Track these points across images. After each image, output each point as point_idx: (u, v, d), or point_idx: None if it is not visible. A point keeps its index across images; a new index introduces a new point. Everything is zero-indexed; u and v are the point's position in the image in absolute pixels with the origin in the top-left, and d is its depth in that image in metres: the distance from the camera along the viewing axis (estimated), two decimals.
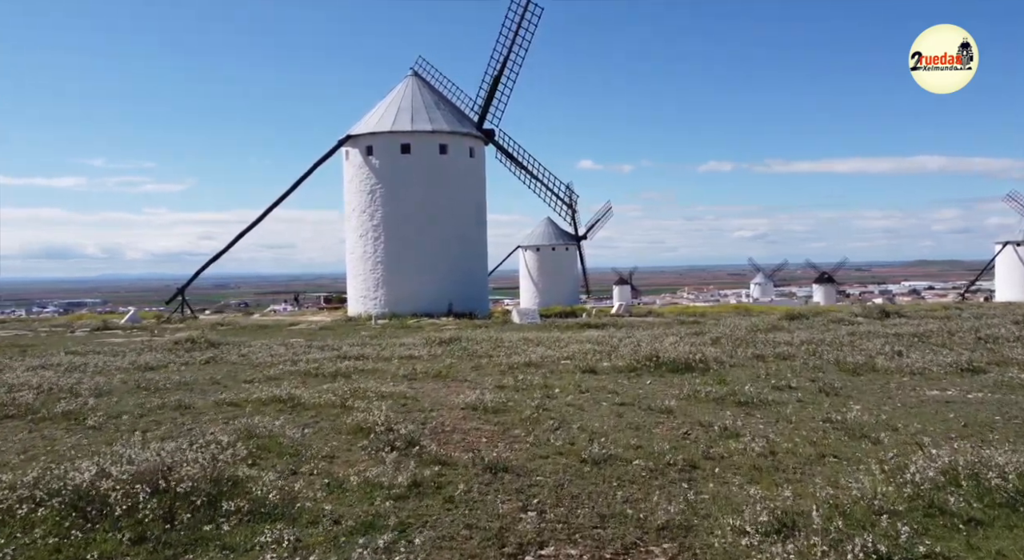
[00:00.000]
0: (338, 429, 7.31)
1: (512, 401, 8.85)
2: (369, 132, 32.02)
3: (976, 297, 76.01)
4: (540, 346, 16.10)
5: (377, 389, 9.48)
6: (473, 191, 33.53)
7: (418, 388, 10.12)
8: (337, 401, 8.53)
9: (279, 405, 8.54)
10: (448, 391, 9.88)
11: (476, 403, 8.44)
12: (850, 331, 18.26)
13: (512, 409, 8.37)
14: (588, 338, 17.79)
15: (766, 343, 15.50)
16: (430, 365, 12.74)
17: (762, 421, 8.01)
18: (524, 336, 18.45)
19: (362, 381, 10.49)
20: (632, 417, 8.18)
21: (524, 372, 11.72)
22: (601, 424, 7.72)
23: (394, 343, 17.33)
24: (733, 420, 7.91)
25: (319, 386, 10.00)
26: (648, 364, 11.83)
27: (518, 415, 8.03)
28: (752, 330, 19.55)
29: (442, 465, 6.06)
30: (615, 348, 15.20)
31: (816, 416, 8.19)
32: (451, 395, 9.45)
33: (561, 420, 7.87)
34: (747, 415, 8.31)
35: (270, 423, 7.38)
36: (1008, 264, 62.29)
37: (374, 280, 32.05)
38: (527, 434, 7.23)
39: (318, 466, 6.01)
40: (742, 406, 8.74)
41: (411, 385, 10.41)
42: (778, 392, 9.68)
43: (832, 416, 8.07)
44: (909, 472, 5.51)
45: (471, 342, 17.23)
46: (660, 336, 18.10)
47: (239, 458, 5.88)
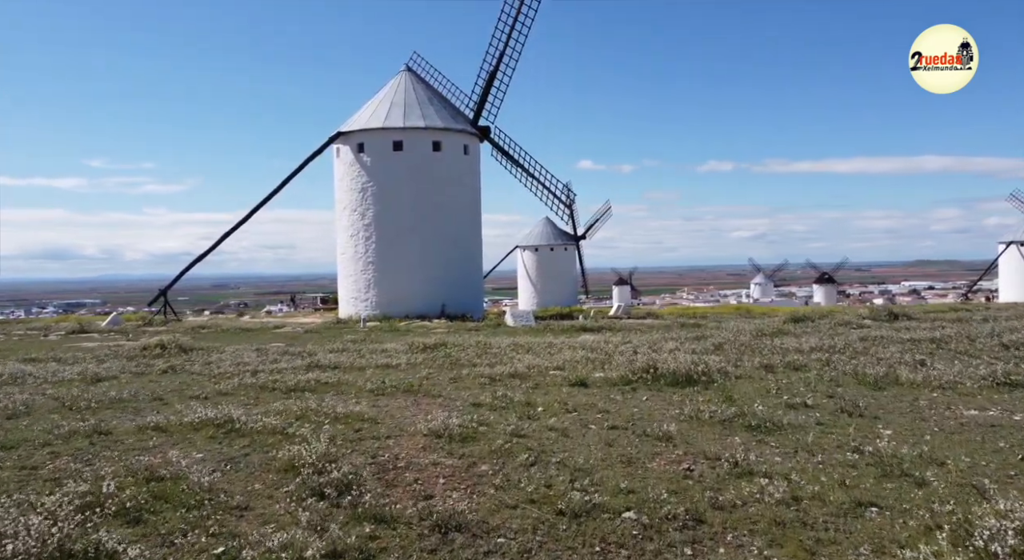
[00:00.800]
0: (267, 466, 5.96)
1: (486, 425, 7.50)
2: (360, 129, 30.70)
3: (977, 297, 74.55)
4: (529, 353, 14.75)
5: (333, 409, 8.13)
6: (467, 189, 32.20)
7: (382, 406, 8.77)
8: (279, 426, 7.18)
9: (211, 431, 7.20)
10: (416, 410, 8.53)
11: (442, 428, 7.08)
12: (861, 336, 16.88)
13: (483, 436, 7.02)
14: (582, 344, 16.44)
15: (773, 350, 14.13)
16: (405, 376, 11.40)
17: (778, 451, 6.66)
18: (514, 341, 17.11)
19: (321, 398, 9.15)
20: (624, 446, 6.83)
21: (506, 385, 10.37)
22: (586, 457, 6.37)
23: (375, 349, 15.99)
24: (744, 451, 6.56)
25: (269, 405, 8.66)
26: (645, 376, 10.47)
27: (489, 444, 6.68)
28: (757, 334, 18.18)
29: (379, 522, 4.71)
30: (610, 356, 13.87)
31: (842, 444, 6.83)
32: (418, 416, 8.10)
33: (539, 451, 6.52)
34: (759, 443, 6.95)
35: (186, 457, 6.06)
36: (1012, 264, 60.84)
37: (365, 281, 30.73)
38: (495, 472, 5.88)
39: (220, 524, 4.66)
40: (753, 431, 7.38)
41: (375, 402, 9.06)
42: (793, 412, 8.32)
43: (861, 445, 6.71)
44: (979, 536, 4.17)
45: (457, 348, 15.89)
46: (659, 341, 16.74)
47: (111, 515, 4.54)
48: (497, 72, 32.80)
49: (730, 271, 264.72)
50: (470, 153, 32.18)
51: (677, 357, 11.94)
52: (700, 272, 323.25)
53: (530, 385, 10.37)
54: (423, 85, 33.03)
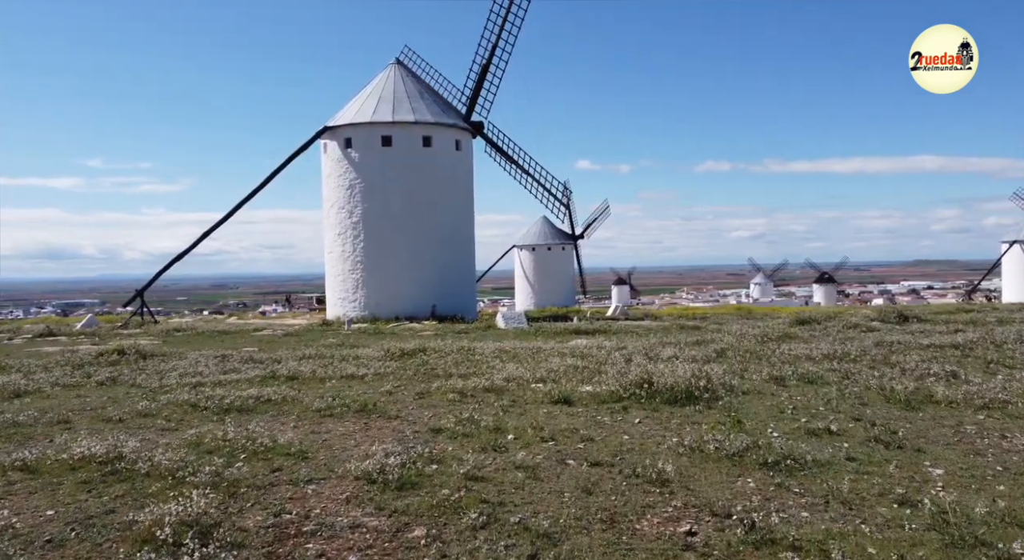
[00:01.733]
0: (124, 533, 4.40)
1: (438, 462, 5.95)
2: (348, 123, 29.13)
3: (976, 297, 72.88)
4: (514, 361, 13.21)
5: (258, 438, 6.59)
6: (460, 186, 30.63)
7: (323, 433, 7.22)
8: (174, 466, 5.63)
9: (90, 471, 5.66)
10: (362, 438, 6.98)
11: (379, 470, 5.52)
12: (876, 341, 15.31)
13: (430, 480, 5.47)
14: (573, 349, 14.89)
15: (782, 358, 12.56)
16: (366, 390, 9.86)
17: (805, 503, 5.10)
18: (500, 346, 15.56)
19: (254, 421, 7.61)
20: (607, 493, 5.29)
21: (479, 403, 8.82)
22: (556, 513, 4.82)
23: (348, 355, 14.44)
24: (762, 502, 5.02)
25: (185, 433, 7.12)
26: (638, 392, 8.90)
27: (433, 494, 5.12)
28: (762, 339, 16.62)
29: None
30: (601, 364, 12.32)
31: (885, 492, 5.27)
32: (360, 447, 6.56)
33: (496, 505, 4.96)
34: (780, 489, 5.40)
35: (33, 515, 4.52)
36: (1015, 263, 59.19)
37: (353, 281, 29.18)
38: (431, 541, 4.33)
39: None
40: (770, 470, 5.83)
41: (317, 427, 7.50)
42: (816, 441, 6.76)
43: (911, 494, 5.16)
44: None
45: (436, 354, 14.35)
46: (656, 347, 15.19)
47: None
48: (490, 65, 31.24)
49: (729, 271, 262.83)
50: (462, 149, 30.61)
51: (675, 368, 10.39)
52: (699, 272, 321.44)
53: (506, 403, 8.81)
54: (413, 79, 31.47)
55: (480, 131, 32.69)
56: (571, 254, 57.39)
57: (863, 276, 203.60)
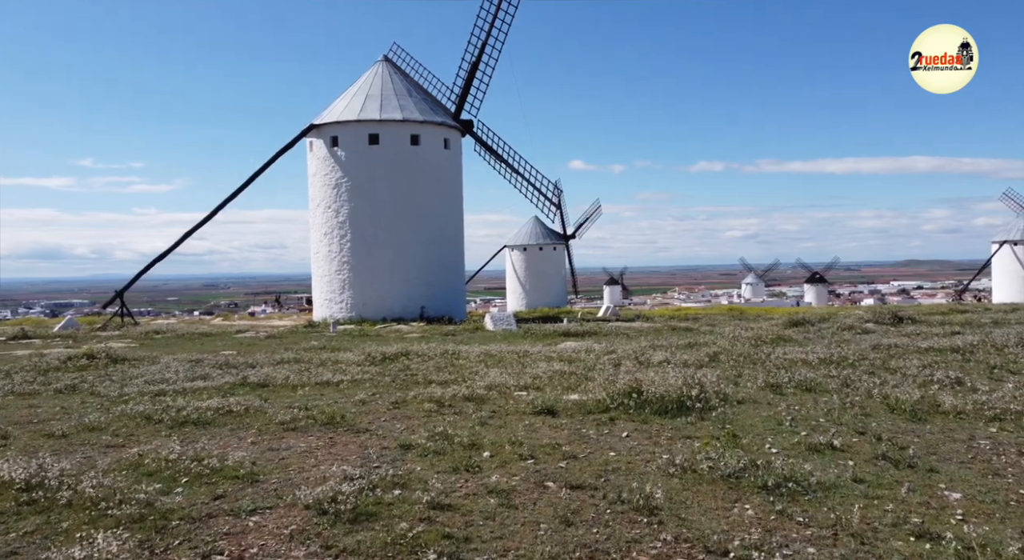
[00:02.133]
0: None
1: (402, 485, 5.32)
2: (334, 121, 28.45)
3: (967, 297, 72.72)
4: (499, 366, 12.58)
5: (207, 459, 5.93)
6: (448, 185, 29.99)
7: (281, 450, 6.58)
8: (102, 494, 4.97)
9: (5, 501, 4.98)
10: (323, 456, 6.34)
11: (331, 498, 4.88)
12: (873, 344, 14.75)
13: (389, 510, 4.82)
14: (562, 353, 14.28)
15: (777, 363, 11.97)
16: (338, 399, 9.21)
17: (811, 536, 4.49)
18: (486, 350, 14.94)
19: (208, 437, 6.96)
20: (589, 524, 4.66)
21: (456, 414, 8.19)
22: (529, 551, 4.19)
23: (327, 360, 13.80)
24: (762, 535, 4.41)
25: (129, 450, 6.46)
26: (627, 402, 8.28)
27: (390, 528, 4.48)
28: (755, 342, 16.04)
29: None
30: (590, 369, 11.72)
31: (899, 521, 4.66)
32: (319, 467, 5.92)
33: (460, 542, 4.33)
34: (782, 517, 4.79)
35: None
36: (1005, 263, 58.95)
37: (340, 282, 28.50)
38: None
39: None
40: (770, 494, 5.21)
41: (276, 443, 6.85)
42: (819, 458, 6.15)
43: (928, 524, 4.55)
44: None
45: (419, 359, 13.72)
46: (646, 350, 14.60)
47: None
48: (479, 63, 30.64)
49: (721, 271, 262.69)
50: (451, 147, 29.97)
51: (666, 374, 9.78)
52: (692, 272, 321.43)
53: (485, 414, 8.17)
54: (401, 76, 30.80)
55: (469, 129, 32.07)
56: (563, 254, 56.79)
57: (854, 276, 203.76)
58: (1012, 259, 58.41)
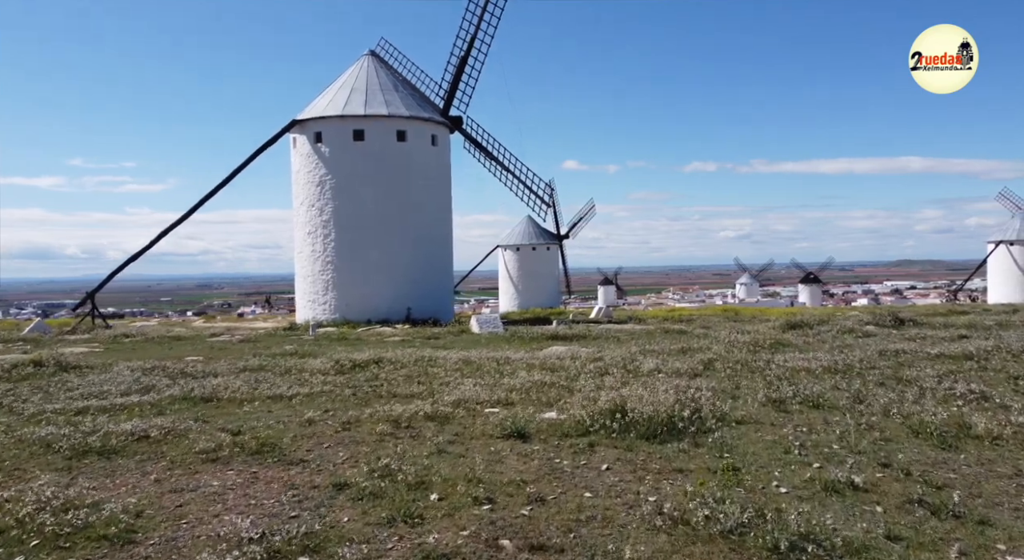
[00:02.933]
0: None
1: (313, 552, 4.12)
2: (317, 116, 27.21)
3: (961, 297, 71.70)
4: (475, 374, 11.40)
5: (78, 507, 4.72)
6: (436, 183, 28.76)
7: (187, 490, 5.36)
8: None
9: None
10: (235, 501, 5.14)
11: None
12: (879, 349, 13.58)
13: None
14: (546, 359, 13.08)
15: (778, 372, 10.78)
16: (285, 417, 8.00)
17: None
18: (466, 356, 13.74)
19: (107, 472, 5.75)
20: None
21: (413, 438, 6.99)
22: None
23: (292, 368, 12.58)
24: None
25: None
26: (609, 423, 7.09)
27: None
28: (753, 347, 14.87)
29: None
30: (573, 379, 10.54)
31: None
32: (221, 517, 4.72)
33: None
34: None
35: None
36: (1001, 264, 57.87)
37: (323, 283, 27.26)
38: None
39: None
40: (783, 557, 4.04)
41: (185, 481, 5.63)
42: (839, 503, 4.96)
43: None
44: None
45: (391, 366, 12.51)
46: (637, 356, 13.42)
47: None
48: (468, 58, 29.42)
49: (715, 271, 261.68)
50: (439, 144, 28.74)
51: (656, 389, 8.60)
52: (686, 272, 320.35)
53: (446, 438, 6.98)
54: (388, 71, 29.57)
55: (459, 126, 30.86)
56: (556, 254, 55.58)
57: (847, 276, 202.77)
58: (1008, 259, 57.36)
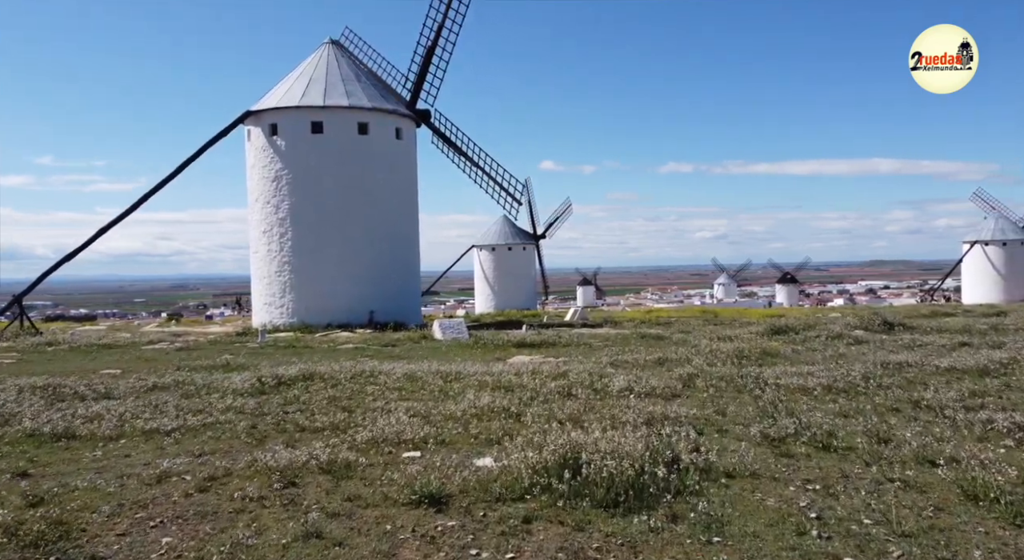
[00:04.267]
0: None
1: None
2: (273, 107, 25.00)
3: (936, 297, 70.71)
4: (414, 396, 9.41)
5: None
6: (400, 178, 26.64)
7: None
8: None
9: None
10: None
11: None
12: (881, 361, 11.75)
13: None
14: (503, 375, 11.07)
15: (773, 396, 8.86)
16: (134, 468, 5.94)
17: None
18: (413, 370, 11.71)
19: None
20: None
21: (287, 506, 4.97)
22: None
23: (208, 386, 10.47)
24: None
25: None
26: (556, 484, 5.10)
27: None
28: (738, 358, 12.99)
29: None
30: (528, 403, 8.60)
31: None
32: None
33: None
34: None
35: None
36: (976, 264, 56.80)
37: (280, 284, 25.06)
38: None
39: None
40: None
41: None
42: None
43: None
44: None
45: (321, 384, 10.45)
46: (607, 369, 11.51)
47: None
48: (436, 47, 27.33)
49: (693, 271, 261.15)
50: (403, 137, 26.63)
51: (624, 428, 6.65)
52: (664, 272, 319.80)
53: (334, 505, 4.95)
54: (350, 60, 27.40)
55: (426, 120, 28.77)
56: (532, 254, 53.57)
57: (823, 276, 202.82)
58: (983, 259, 56.31)
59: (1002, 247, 54.93)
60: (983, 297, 54.05)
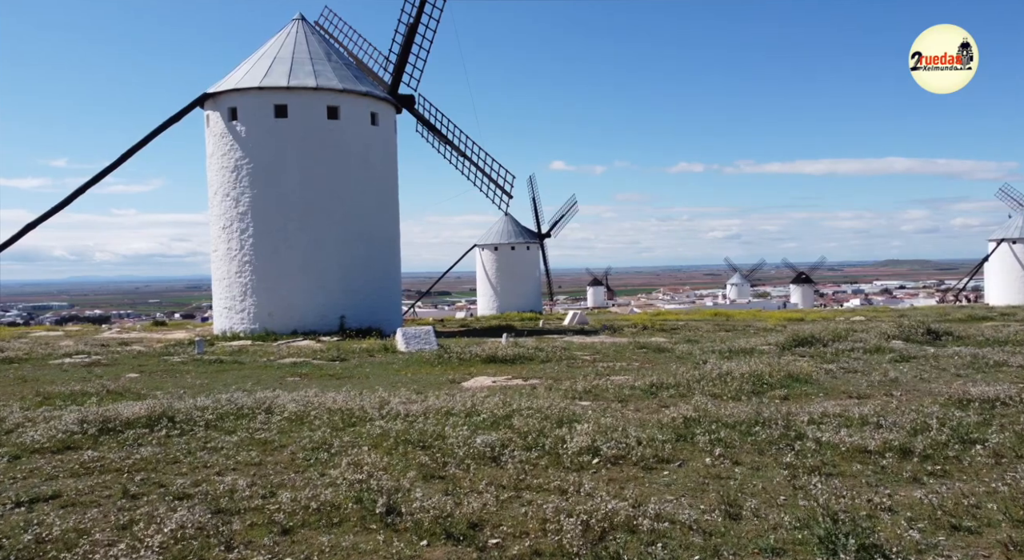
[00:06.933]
0: None
1: None
2: (232, 89, 21.83)
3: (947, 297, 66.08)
4: (268, 461, 6.06)
5: None
6: (377, 169, 23.34)
7: None
8: None
9: None
10: None
11: None
12: (958, 394, 8.23)
13: None
14: (428, 417, 7.71)
15: (812, 463, 5.40)
16: None
17: None
18: (311, 404, 8.38)
19: None
20: None
21: None
22: None
23: (30, 421, 7.24)
24: None
25: None
26: None
27: None
28: (756, 384, 9.47)
29: None
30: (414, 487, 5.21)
31: None
32: None
33: None
34: None
35: None
36: (1003, 263, 52.41)
37: (240, 287, 21.87)
38: None
39: None
40: None
41: None
42: None
43: None
44: None
45: (156, 434, 7.14)
46: (580, 402, 8.14)
47: None
48: (418, 25, 24.09)
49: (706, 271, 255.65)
50: (380, 124, 23.34)
51: None
52: (677, 272, 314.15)
53: None
54: (320, 39, 24.15)
55: (410, 106, 25.50)
56: (537, 254, 50.10)
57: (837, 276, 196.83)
58: (1011, 258, 51.94)
59: None
60: (1011, 298, 49.81)
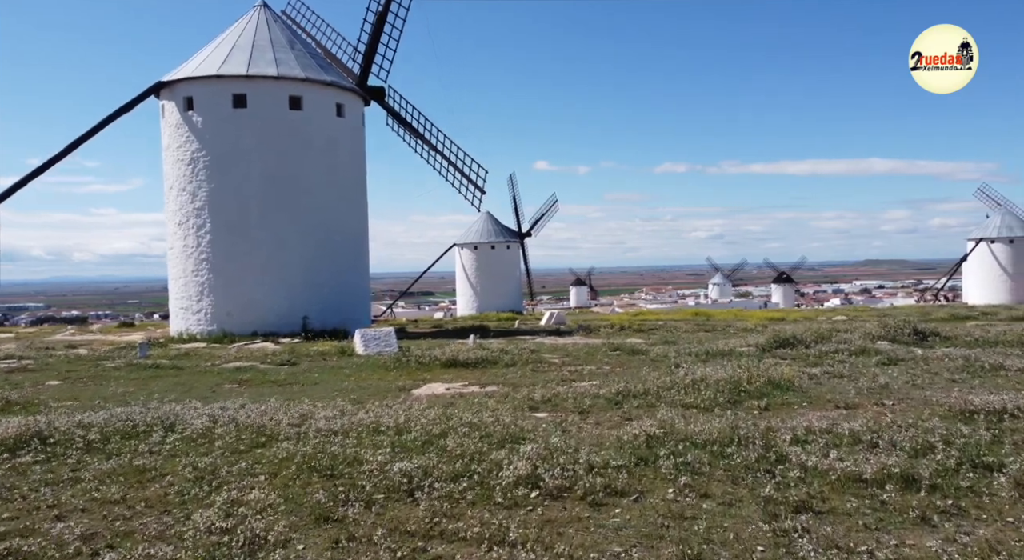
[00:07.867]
0: None
1: None
2: (187, 77, 20.49)
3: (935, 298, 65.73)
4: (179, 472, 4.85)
5: None
6: (343, 162, 22.09)
7: None
8: None
9: None
10: None
11: None
12: (960, 404, 7.18)
13: None
14: (348, 435, 6.53)
15: (797, 497, 4.27)
16: None
17: None
18: (222, 418, 7.17)
19: None
20: None
21: None
22: None
23: None
24: None
25: None
26: None
27: None
28: (733, 392, 8.37)
29: None
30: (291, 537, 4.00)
31: None
32: None
33: None
34: None
35: None
36: (981, 263, 52.01)
37: (197, 286, 20.54)
38: None
39: None
40: None
41: None
42: None
43: None
44: None
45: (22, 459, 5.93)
46: (535, 412, 7.02)
47: None
48: (387, 13, 22.87)
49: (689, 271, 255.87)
50: (346, 115, 22.08)
51: None
52: (660, 272, 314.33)
53: None
54: (284, 27, 22.86)
55: (380, 98, 24.27)
56: (517, 253, 48.94)
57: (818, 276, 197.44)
58: (988, 257, 51.58)
59: (1009, 244, 50.26)
60: (989, 297, 49.41)
